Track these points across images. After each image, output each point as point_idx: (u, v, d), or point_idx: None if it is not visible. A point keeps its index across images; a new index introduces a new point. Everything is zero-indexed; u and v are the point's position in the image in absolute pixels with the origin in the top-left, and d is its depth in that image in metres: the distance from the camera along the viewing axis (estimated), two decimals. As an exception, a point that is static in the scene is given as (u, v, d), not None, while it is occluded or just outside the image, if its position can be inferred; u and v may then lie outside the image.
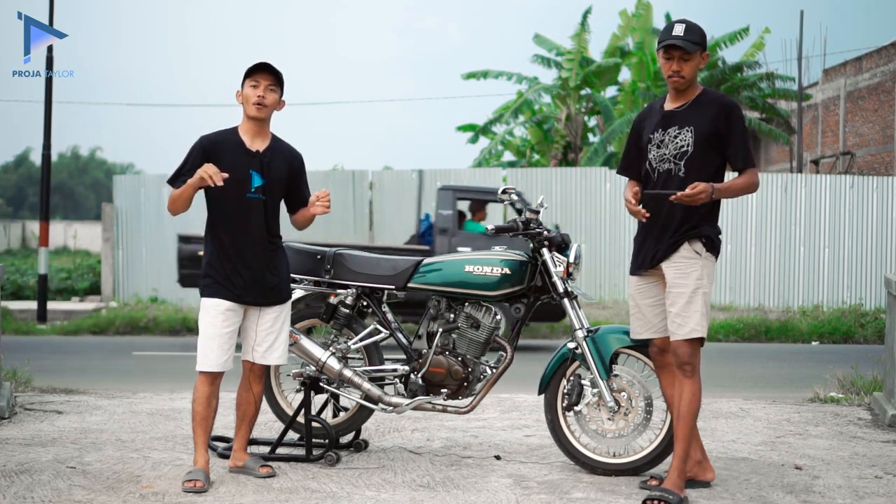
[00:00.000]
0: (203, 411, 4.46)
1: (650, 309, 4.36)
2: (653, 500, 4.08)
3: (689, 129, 4.23)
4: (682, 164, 4.22)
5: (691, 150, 4.21)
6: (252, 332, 4.55)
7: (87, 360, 10.39)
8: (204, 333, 4.44)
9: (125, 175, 21.30)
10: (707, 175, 4.21)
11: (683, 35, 4.22)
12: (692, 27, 4.26)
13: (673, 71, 4.25)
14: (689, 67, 4.24)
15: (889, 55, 23.25)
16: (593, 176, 16.10)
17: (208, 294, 4.45)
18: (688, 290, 4.18)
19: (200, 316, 4.47)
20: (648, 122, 4.40)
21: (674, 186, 4.19)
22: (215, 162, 4.37)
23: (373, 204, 16.23)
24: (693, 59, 4.23)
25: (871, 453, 5.19)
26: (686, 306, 4.17)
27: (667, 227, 4.24)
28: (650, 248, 4.30)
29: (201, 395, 4.46)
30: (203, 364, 4.44)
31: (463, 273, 4.81)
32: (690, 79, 4.27)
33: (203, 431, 4.47)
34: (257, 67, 4.47)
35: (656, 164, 4.30)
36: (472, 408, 4.84)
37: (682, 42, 4.20)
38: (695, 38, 4.23)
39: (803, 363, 10.48)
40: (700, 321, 4.18)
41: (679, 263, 4.21)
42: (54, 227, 35.95)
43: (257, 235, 4.47)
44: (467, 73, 23.38)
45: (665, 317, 4.30)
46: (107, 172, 64.30)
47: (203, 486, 4.27)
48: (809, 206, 15.68)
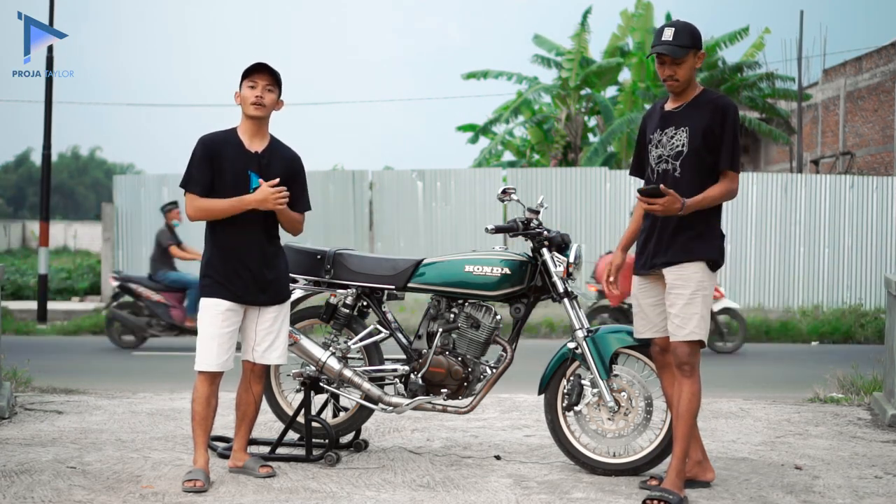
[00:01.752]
0: (203, 411, 4.46)
1: (651, 308, 4.37)
2: (653, 500, 4.09)
3: (684, 129, 4.24)
4: (678, 164, 4.23)
5: (686, 150, 4.22)
6: (252, 332, 4.55)
7: (87, 360, 10.39)
8: (204, 333, 4.44)
9: (125, 175, 21.30)
10: (703, 175, 4.22)
11: (672, 40, 4.21)
12: (681, 30, 4.24)
13: (667, 76, 4.27)
14: (682, 70, 4.24)
15: (889, 55, 23.24)
16: (593, 176, 16.10)
17: (208, 294, 4.45)
18: (687, 291, 4.18)
19: (200, 316, 4.47)
20: (651, 122, 4.42)
21: (669, 186, 4.20)
22: (216, 162, 4.39)
23: (373, 204, 16.22)
24: (686, 61, 4.22)
25: (871, 453, 5.19)
26: (685, 308, 4.18)
27: (666, 226, 4.25)
28: (651, 251, 4.30)
29: (201, 395, 4.46)
30: (202, 364, 4.44)
31: (463, 273, 4.81)
32: (686, 81, 4.26)
33: (203, 431, 4.48)
34: (254, 68, 4.46)
35: (655, 164, 4.32)
36: (472, 408, 4.84)
37: (670, 48, 4.20)
38: (684, 40, 4.21)
39: (803, 363, 10.49)
40: (699, 323, 4.18)
41: (680, 269, 4.21)
42: (54, 227, 35.94)
43: (256, 236, 4.47)
44: (467, 73, 23.37)
45: (666, 316, 4.31)
46: (107, 172, 64.30)
47: (203, 486, 4.28)
48: (809, 206, 15.68)
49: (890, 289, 6.34)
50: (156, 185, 16.31)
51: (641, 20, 22.62)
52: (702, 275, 4.20)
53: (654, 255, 4.28)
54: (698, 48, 4.26)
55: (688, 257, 4.20)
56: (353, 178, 16.30)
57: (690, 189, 4.19)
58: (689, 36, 4.23)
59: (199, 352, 4.46)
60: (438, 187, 16.06)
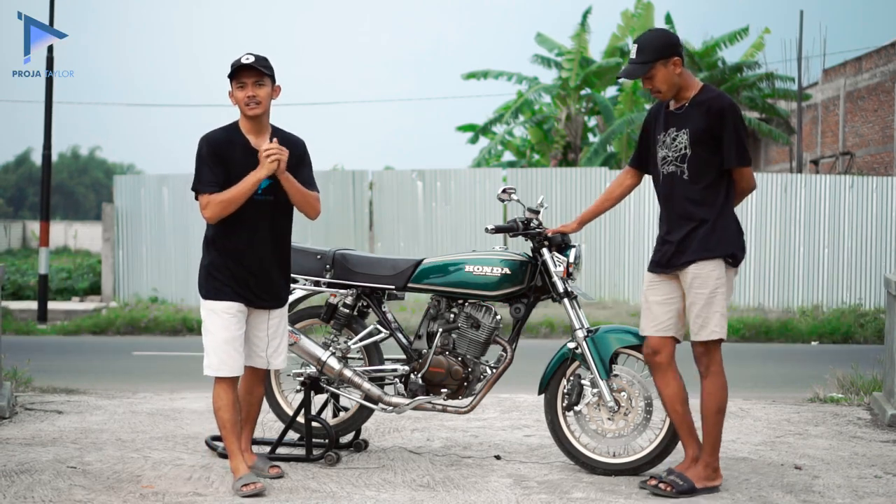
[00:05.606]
0: (232, 418, 4.34)
1: (659, 306, 4.37)
2: (659, 482, 4.18)
3: (685, 131, 4.25)
4: (685, 167, 4.24)
5: (689, 153, 4.23)
6: (261, 337, 4.49)
7: (88, 360, 10.39)
8: (218, 337, 4.32)
9: (125, 175, 21.27)
10: (710, 175, 4.23)
11: (635, 58, 4.26)
12: (644, 45, 4.25)
13: (648, 89, 4.33)
14: (658, 82, 4.26)
15: (889, 55, 23.23)
16: (593, 176, 16.09)
17: (218, 297, 4.34)
18: (706, 290, 4.21)
19: (209, 320, 4.36)
20: (657, 121, 4.43)
21: (679, 189, 4.23)
22: (224, 162, 4.31)
23: (373, 204, 16.22)
24: (656, 73, 4.24)
25: (871, 453, 5.19)
26: (705, 307, 4.21)
27: (681, 226, 4.25)
28: (670, 251, 4.30)
29: (226, 402, 4.33)
30: (222, 369, 4.32)
31: (463, 273, 4.81)
32: (671, 88, 4.27)
33: (236, 438, 4.35)
34: (238, 69, 4.33)
35: (660, 165, 4.33)
36: (472, 408, 4.84)
37: (630, 70, 4.27)
38: (646, 56, 4.22)
39: (803, 363, 10.49)
40: (720, 321, 4.23)
41: (697, 268, 4.23)
42: (54, 227, 35.95)
43: (266, 237, 4.40)
44: (467, 73, 23.40)
45: (672, 316, 4.33)
46: (107, 172, 64.27)
47: (263, 487, 4.20)
48: (809, 206, 15.68)
49: (890, 289, 6.35)
50: (156, 185, 16.30)
51: (641, 20, 22.61)
52: (719, 272, 4.22)
53: (674, 256, 4.29)
54: (667, 56, 4.22)
55: (705, 255, 4.21)
56: (353, 178, 16.29)
57: (699, 190, 4.23)
58: (653, 49, 4.23)
59: (214, 358, 4.32)
60: (438, 187, 16.05)
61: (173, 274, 16.06)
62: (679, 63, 4.26)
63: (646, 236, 15.44)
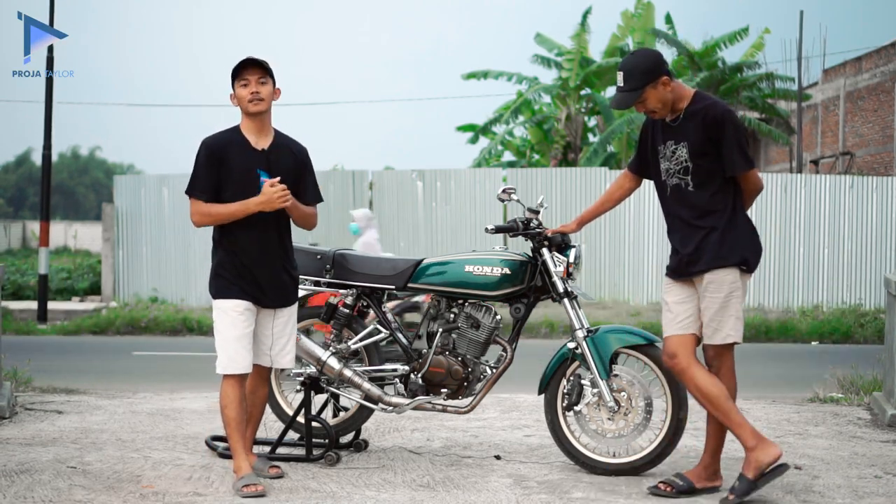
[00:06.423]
0: (238, 416, 4.35)
1: (677, 305, 4.34)
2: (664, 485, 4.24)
3: (683, 144, 4.22)
4: (689, 179, 4.23)
5: (691, 165, 4.21)
6: (267, 335, 4.50)
7: (88, 360, 10.39)
8: (227, 335, 4.34)
9: (125, 175, 21.28)
10: (716, 183, 4.20)
11: (623, 85, 4.21)
12: (630, 71, 4.19)
13: (642, 112, 4.30)
14: (651, 103, 4.22)
15: (889, 55, 23.24)
16: (593, 176, 16.10)
17: (227, 296, 4.36)
18: (721, 295, 4.19)
19: (219, 318, 4.38)
20: (655, 131, 4.39)
21: (687, 200, 4.23)
22: (223, 164, 4.33)
23: (373, 204, 16.23)
24: (647, 97, 4.19)
25: (871, 453, 5.19)
26: (719, 312, 4.20)
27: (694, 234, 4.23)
28: (685, 259, 4.27)
29: (232, 399, 4.34)
30: (231, 367, 4.33)
31: (463, 273, 4.81)
32: (664, 106, 4.23)
33: (241, 436, 4.36)
34: (242, 65, 4.38)
35: (665, 177, 4.32)
36: (472, 408, 4.84)
37: (620, 99, 4.23)
38: (634, 83, 4.17)
39: (803, 363, 10.49)
40: (735, 325, 4.21)
41: (712, 275, 4.22)
42: (54, 227, 35.93)
43: (269, 236, 4.42)
44: (467, 73, 23.41)
45: (692, 313, 4.30)
46: (107, 172, 64.25)
47: (263, 490, 4.19)
48: (809, 206, 15.68)
49: (890, 289, 6.35)
50: (156, 186, 16.31)
51: (641, 20, 22.63)
52: (734, 276, 4.21)
53: (688, 265, 4.27)
54: (655, 78, 4.17)
55: (719, 263, 4.19)
56: (353, 178, 16.30)
57: (707, 198, 4.21)
58: (640, 74, 4.17)
59: (223, 355, 4.34)
60: (438, 187, 16.06)
61: (173, 274, 16.07)
62: (668, 81, 4.20)
63: (646, 236, 15.45)
